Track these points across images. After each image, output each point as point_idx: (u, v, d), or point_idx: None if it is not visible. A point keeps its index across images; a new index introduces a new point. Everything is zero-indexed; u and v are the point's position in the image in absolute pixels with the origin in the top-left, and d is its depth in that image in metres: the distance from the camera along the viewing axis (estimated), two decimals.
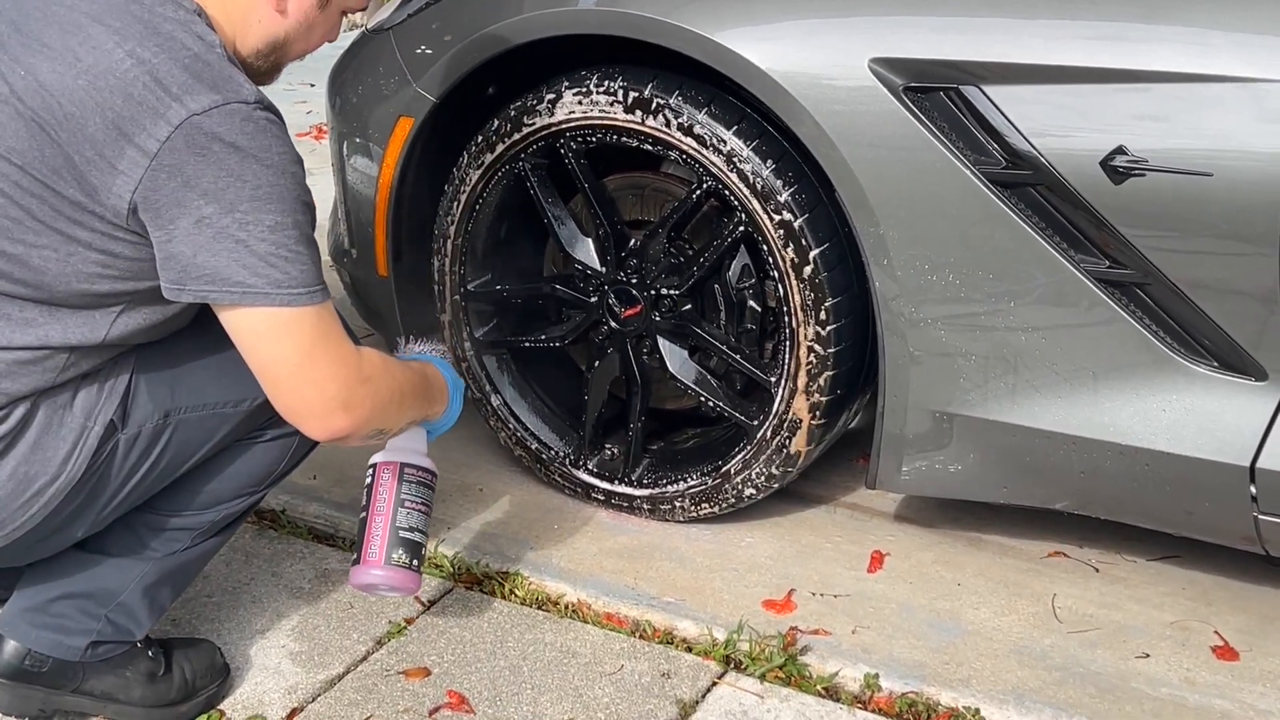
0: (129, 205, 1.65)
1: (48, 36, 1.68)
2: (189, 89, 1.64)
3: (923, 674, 2.15)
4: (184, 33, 1.69)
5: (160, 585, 2.01)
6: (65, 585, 1.96)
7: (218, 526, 2.04)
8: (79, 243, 1.69)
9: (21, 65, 1.67)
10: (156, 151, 1.62)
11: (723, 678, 2.14)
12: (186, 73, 1.64)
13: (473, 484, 2.73)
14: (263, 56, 1.85)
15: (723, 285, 2.45)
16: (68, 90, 1.64)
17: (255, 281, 1.67)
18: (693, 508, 2.54)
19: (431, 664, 2.16)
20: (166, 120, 1.62)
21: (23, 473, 1.76)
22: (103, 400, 1.81)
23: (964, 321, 2.17)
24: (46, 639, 1.95)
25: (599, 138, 2.39)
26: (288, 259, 1.68)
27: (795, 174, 2.26)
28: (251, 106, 1.66)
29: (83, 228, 1.68)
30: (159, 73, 1.64)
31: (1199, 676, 2.17)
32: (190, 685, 2.04)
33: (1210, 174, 1.94)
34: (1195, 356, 2.08)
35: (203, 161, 1.63)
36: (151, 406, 1.85)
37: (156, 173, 1.63)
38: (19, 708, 1.98)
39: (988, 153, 2.06)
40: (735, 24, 2.17)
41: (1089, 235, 2.06)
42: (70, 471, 1.79)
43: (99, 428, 1.80)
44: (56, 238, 1.69)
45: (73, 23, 1.68)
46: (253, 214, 1.66)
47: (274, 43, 1.84)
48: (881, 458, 2.33)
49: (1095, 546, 2.51)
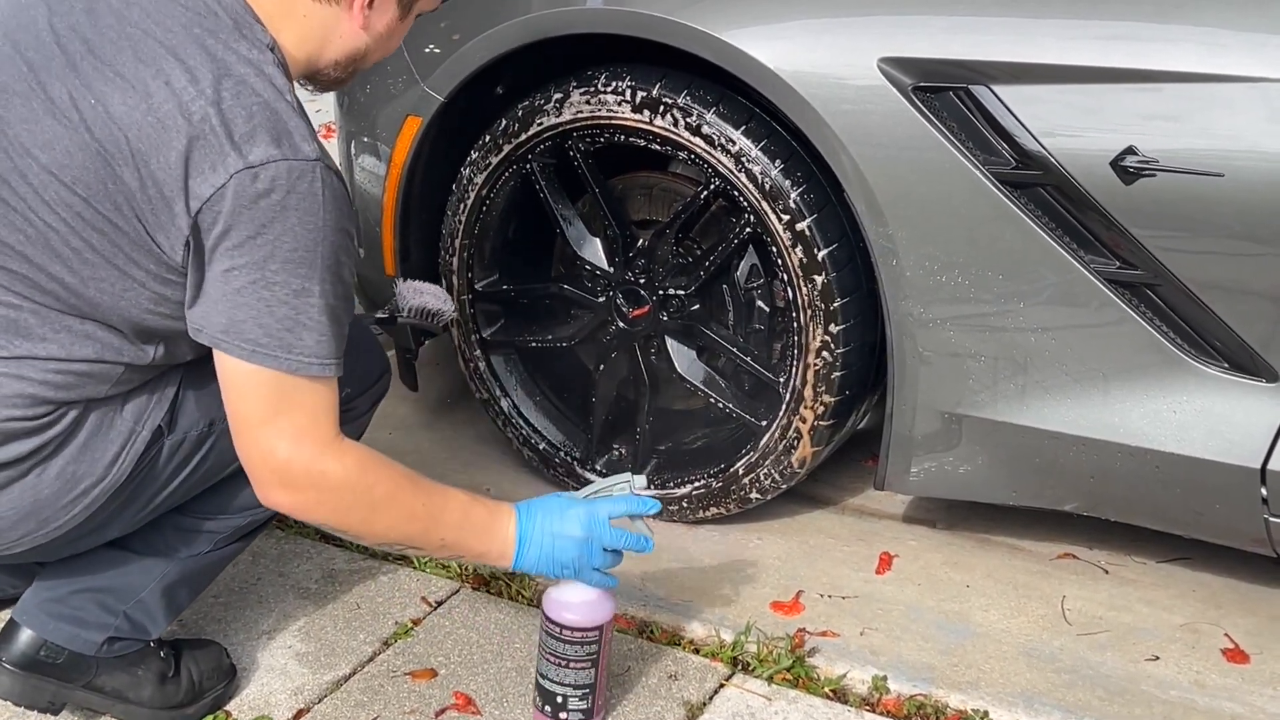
0: (184, 248, 1.65)
1: (121, 64, 1.66)
2: (249, 139, 1.62)
3: (931, 676, 2.14)
4: (256, 76, 1.67)
5: (180, 586, 2.02)
6: (86, 579, 1.96)
7: (242, 532, 2.04)
8: (134, 280, 1.69)
9: (93, 93, 1.65)
10: (209, 197, 1.62)
11: (730, 679, 2.14)
12: (251, 122, 1.63)
13: (480, 484, 2.72)
14: (341, 68, 1.85)
15: (731, 285, 2.45)
16: (136, 126, 1.63)
17: (265, 341, 1.67)
18: (700, 508, 2.53)
19: (438, 665, 2.16)
20: (224, 168, 1.61)
21: (70, 473, 1.77)
22: (152, 406, 1.82)
23: (973, 322, 2.17)
24: (64, 631, 1.96)
25: (607, 137, 2.39)
26: (305, 326, 1.68)
27: (804, 174, 2.25)
28: (310, 164, 1.65)
29: (138, 267, 1.68)
30: (226, 118, 1.62)
31: (1209, 679, 2.16)
32: (197, 686, 2.04)
33: (1221, 174, 1.93)
34: (1206, 358, 2.07)
35: (247, 214, 1.62)
36: (198, 414, 1.87)
37: (204, 216, 1.63)
38: (29, 698, 1.98)
39: (997, 153, 2.06)
40: (744, 23, 2.17)
41: (1099, 236, 2.05)
42: (116, 474, 1.80)
43: (147, 432, 1.82)
44: (114, 272, 1.69)
45: (148, 52, 1.66)
46: (281, 275, 1.65)
47: (354, 55, 1.84)
48: (890, 459, 2.32)
49: (1105, 548, 2.50)
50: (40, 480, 1.76)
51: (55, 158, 1.65)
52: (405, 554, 2.35)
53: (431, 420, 2.99)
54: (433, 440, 2.91)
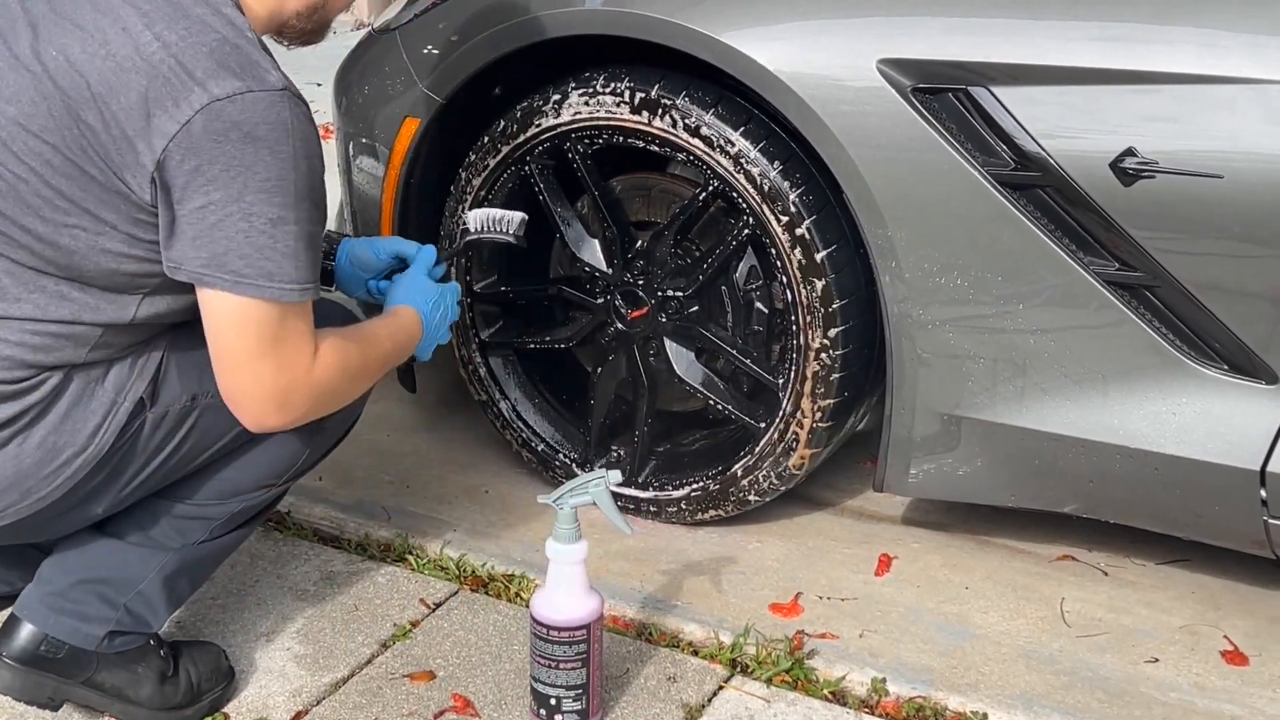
0: (150, 185, 1.68)
1: (80, 16, 1.71)
2: (213, 74, 1.66)
3: (930, 678, 2.14)
4: (213, 16, 1.71)
5: (179, 576, 2.02)
6: (85, 571, 1.97)
7: (237, 520, 2.04)
8: (106, 223, 1.72)
9: (54, 45, 1.70)
10: (175, 133, 1.65)
11: (729, 681, 2.14)
12: (212, 58, 1.67)
13: (478, 485, 2.72)
14: (304, 19, 1.88)
15: (730, 287, 2.45)
16: (96, 71, 1.67)
17: (248, 272, 1.70)
18: (699, 510, 2.53)
19: (437, 667, 2.15)
20: (189, 103, 1.65)
21: (51, 442, 1.78)
22: (134, 377, 1.83)
23: (972, 324, 2.16)
24: (65, 625, 1.96)
25: (606, 139, 2.38)
26: (284, 254, 1.71)
27: (803, 175, 2.25)
28: (276, 94, 1.69)
29: (109, 208, 1.71)
30: (184, 57, 1.66)
31: (1208, 681, 2.15)
32: (196, 688, 2.03)
33: (1221, 176, 1.93)
34: (1205, 359, 2.07)
35: (217, 148, 1.66)
36: (180, 388, 1.88)
37: (172, 154, 1.66)
38: (29, 694, 1.98)
39: (996, 154, 2.05)
40: (743, 25, 2.16)
41: (1098, 237, 2.05)
42: (98, 444, 1.81)
43: (129, 404, 1.83)
44: (86, 217, 1.72)
45: (105, 3, 1.70)
46: (257, 205, 1.68)
47: (314, 5, 1.87)
48: (889, 460, 2.32)
49: (1104, 550, 2.50)
50: (22, 450, 1.77)
51: (22, 109, 1.70)
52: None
53: (430, 422, 2.99)
54: (430, 442, 2.91)
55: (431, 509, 2.63)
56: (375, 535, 2.52)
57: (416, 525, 2.55)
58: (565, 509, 1.94)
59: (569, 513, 1.94)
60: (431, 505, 2.64)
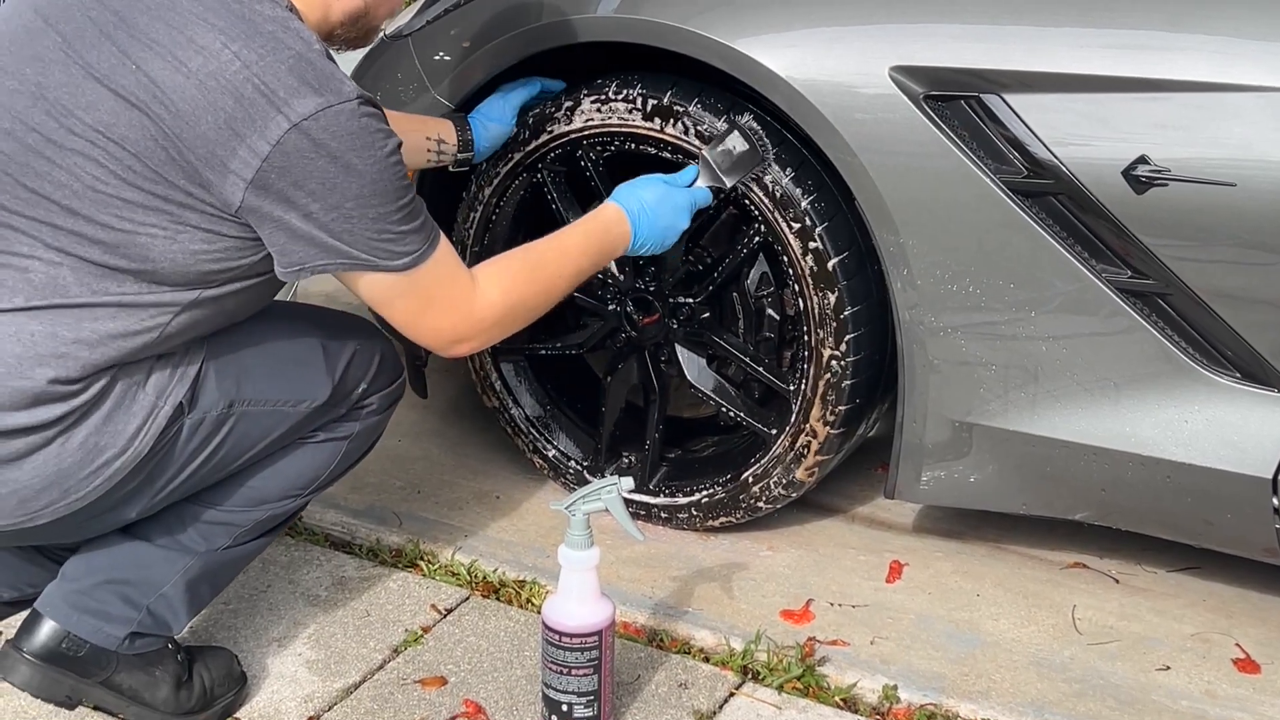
0: (240, 200, 1.73)
1: (155, 32, 1.73)
2: (295, 92, 1.71)
3: (941, 685, 2.14)
4: (284, 32, 1.75)
5: (201, 581, 2.04)
6: (109, 571, 1.99)
7: (261, 528, 2.06)
8: (187, 224, 1.76)
9: (131, 59, 1.73)
10: (268, 154, 1.70)
11: (740, 688, 2.14)
12: (292, 75, 1.71)
13: (489, 491, 2.72)
14: (348, 28, 1.93)
15: (741, 294, 2.45)
16: (179, 89, 1.71)
17: (366, 257, 1.80)
18: (710, 516, 2.53)
19: (448, 673, 2.16)
20: (276, 124, 1.70)
21: (93, 443, 1.81)
22: (174, 382, 1.86)
23: (984, 330, 2.16)
24: (87, 623, 1.97)
25: (618, 145, 2.39)
26: (393, 239, 1.81)
27: (815, 182, 2.25)
28: (355, 103, 1.74)
29: (192, 211, 1.76)
30: (265, 76, 1.71)
31: (1220, 689, 2.15)
32: (209, 693, 2.04)
33: (1234, 184, 1.93)
34: (1217, 367, 2.06)
35: (309, 164, 1.72)
36: (218, 395, 1.91)
37: (267, 173, 1.71)
38: (47, 690, 1.99)
39: (1009, 161, 2.05)
40: (755, 31, 2.17)
41: (1110, 245, 2.05)
42: (137, 447, 1.84)
43: (168, 408, 1.85)
44: (165, 218, 1.75)
45: (179, 20, 1.73)
46: (357, 209, 1.76)
47: (355, 14, 1.93)
48: (900, 467, 2.32)
49: (1115, 558, 2.50)
50: (64, 449, 1.79)
51: (100, 118, 1.73)
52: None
53: (441, 427, 3.00)
54: (442, 447, 2.91)
55: (443, 515, 2.63)
56: (387, 541, 2.52)
57: (428, 531, 2.55)
58: (577, 515, 1.95)
59: (581, 519, 1.95)
60: (443, 511, 2.64)
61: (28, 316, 1.76)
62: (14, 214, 1.76)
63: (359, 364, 2.06)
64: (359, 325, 2.12)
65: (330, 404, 2.03)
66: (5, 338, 1.75)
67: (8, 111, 1.76)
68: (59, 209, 1.75)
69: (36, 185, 1.75)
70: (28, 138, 1.75)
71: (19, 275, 1.76)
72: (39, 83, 1.75)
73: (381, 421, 2.14)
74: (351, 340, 2.07)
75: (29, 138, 1.75)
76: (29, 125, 1.75)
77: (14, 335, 1.75)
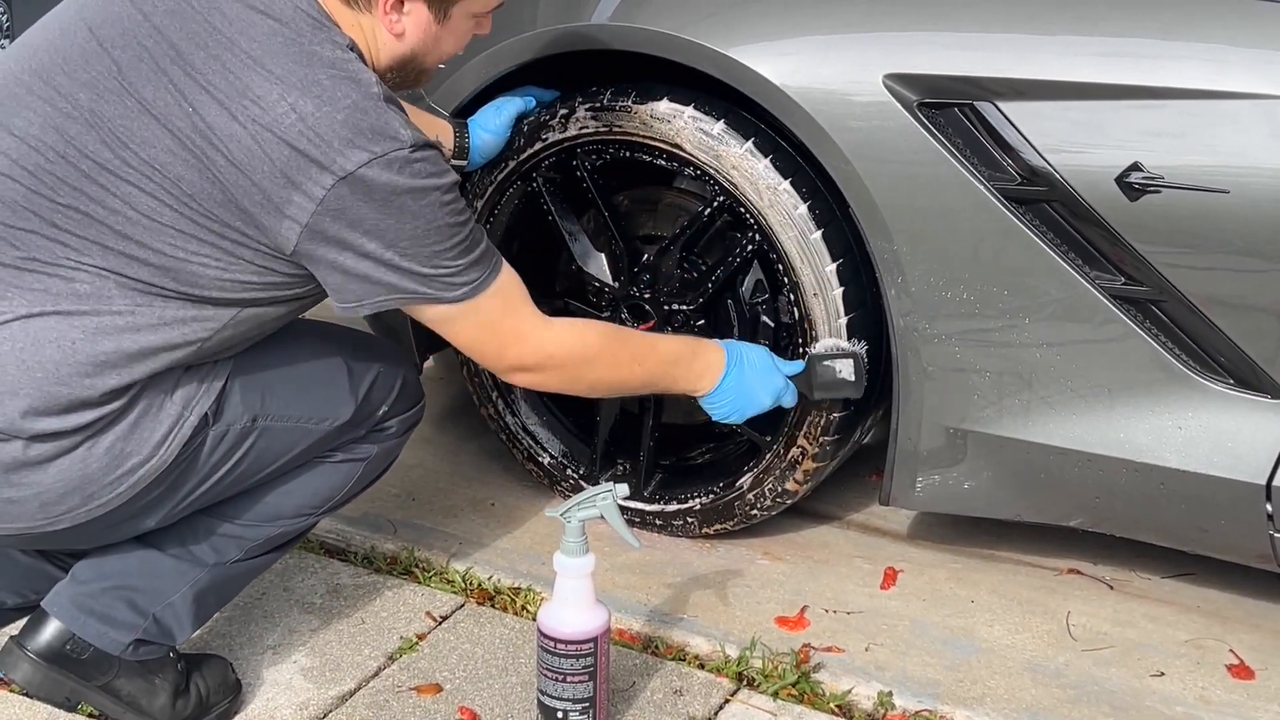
0: (295, 245, 1.77)
1: (212, 74, 1.75)
2: (350, 143, 1.73)
3: (936, 692, 2.14)
4: (342, 79, 1.76)
5: (208, 593, 2.05)
6: (119, 577, 1.99)
7: (271, 544, 2.08)
8: (240, 259, 1.80)
9: (187, 101, 1.75)
10: (322, 198, 1.74)
11: (735, 695, 2.14)
12: (347, 126, 1.74)
13: (485, 499, 2.72)
14: (396, 72, 1.94)
15: (736, 301, 2.45)
16: (234, 137, 1.73)
17: (425, 290, 1.84)
18: (705, 524, 2.53)
19: (443, 680, 2.16)
20: (331, 171, 1.73)
21: (119, 449, 1.82)
22: (200, 394, 1.88)
23: (978, 337, 2.17)
24: (93, 627, 1.98)
25: (613, 153, 2.39)
26: (451, 271, 1.85)
27: (809, 189, 2.25)
28: (409, 152, 1.76)
29: (246, 248, 1.80)
30: (321, 128, 1.73)
31: (1214, 695, 2.15)
32: (205, 701, 2.04)
33: (1227, 191, 1.93)
34: (1211, 374, 2.07)
35: (365, 206, 1.75)
36: (243, 408, 1.93)
37: (321, 216, 1.75)
38: (47, 690, 1.99)
39: (1002, 169, 2.06)
40: (750, 39, 2.17)
41: (1104, 252, 2.05)
42: (162, 455, 1.85)
43: (194, 418, 1.87)
44: (219, 251, 1.79)
45: (237, 64, 1.75)
46: (414, 247, 1.80)
47: (401, 61, 1.94)
48: (895, 474, 2.32)
49: (1109, 564, 2.50)
50: (90, 454, 1.81)
51: (155, 155, 1.75)
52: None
53: (434, 434, 3.00)
54: (436, 454, 2.91)
55: (438, 522, 2.63)
56: (381, 548, 2.52)
57: (423, 538, 2.55)
58: (573, 522, 1.95)
59: (576, 526, 1.95)
60: (438, 518, 2.64)
61: (69, 324, 1.77)
62: (65, 232, 1.77)
63: (381, 386, 2.08)
64: (383, 348, 2.16)
65: (351, 424, 2.05)
66: (46, 343, 1.77)
67: (61, 135, 1.78)
68: (111, 232, 1.77)
69: (90, 209, 1.77)
70: (81, 163, 1.77)
71: (65, 284, 1.78)
72: (94, 110, 1.77)
73: (398, 446, 2.17)
74: (375, 363, 2.09)
75: (83, 163, 1.77)
76: (83, 151, 1.77)
77: (54, 341, 1.77)
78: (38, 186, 1.77)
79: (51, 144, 1.77)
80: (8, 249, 1.78)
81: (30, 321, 1.77)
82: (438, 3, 1.89)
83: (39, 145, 1.78)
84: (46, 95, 1.80)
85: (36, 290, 1.77)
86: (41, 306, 1.77)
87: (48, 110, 1.79)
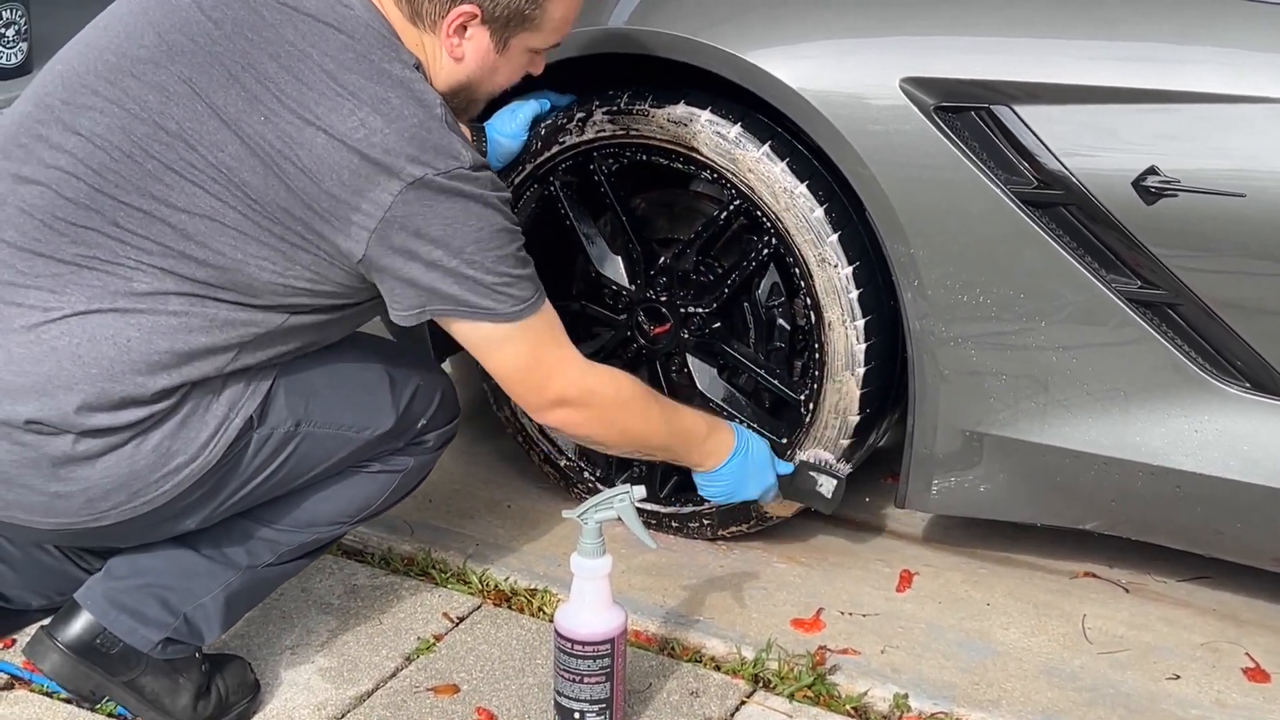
0: (364, 251, 1.82)
1: (285, 84, 1.81)
2: (414, 159, 1.79)
3: (952, 694, 2.14)
4: (410, 99, 1.82)
5: (239, 596, 2.06)
6: (154, 575, 2.01)
7: (303, 549, 2.09)
8: (298, 263, 1.84)
9: (260, 109, 1.80)
10: (390, 205, 1.79)
11: (751, 696, 2.14)
12: (413, 144, 1.79)
13: (501, 500, 2.73)
14: (450, 98, 1.95)
15: (752, 303, 2.46)
16: (306, 145, 1.79)
17: (489, 304, 1.88)
18: (720, 525, 2.54)
19: (460, 681, 2.17)
20: (399, 178, 1.79)
21: (166, 447, 1.84)
22: (246, 396, 1.90)
23: (994, 341, 2.17)
24: (124, 623, 1.99)
25: (630, 156, 2.40)
26: (512, 282, 1.89)
27: (825, 193, 2.26)
28: (469, 170, 1.83)
29: (306, 253, 1.83)
30: (389, 143, 1.78)
31: (1230, 698, 2.16)
32: (224, 701, 2.05)
33: (1243, 194, 1.94)
34: (1227, 377, 2.07)
35: (430, 213, 1.81)
36: (287, 413, 1.95)
37: (388, 225, 1.80)
38: (74, 682, 2.00)
39: (1019, 172, 2.07)
40: (766, 43, 2.18)
41: (1120, 255, 2.06)
42: (207, 455, 1.87)
43: (239, 420, 1.89)
44: (278, 255, 1.83)
45: (309, 76, 1.81)
46: (479, 254, 1.84)
47: (458, 86, 1.98)
48: (911, 477, 2.33)
49: (1125, 567, 2.50)
50: (138, 452, 1.83)
51: (224, 159, 1.79)
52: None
53: None
54: (452, 456, 2.89)
55: (454, 523, 2.64)
56: (398, 549, 2.53)
57: (439, 539, 2.56)
58: (590, 523, 1.96)
59: (594, 527, 1.96)
60: (454, 520, 2.65)
61: (125, 322, 1.80)
62: (127, 230, 1.80)
63: (422, 399, 2.10)
64: (424, 361, 2.20)
65: (391, 434, 2.06)
66: (102, 340, 1.79)
67: (128, 136, 1.81)
68: (173, 231, 1.80)
69: (152, 209, 1.80)
70: (148, 163, 1.80)
71: (123, 282, 1.80)
72: (162, 112, 1.81)
73: (433, 460, 2.18)
74: (416, 375, 2.11)
75: (149, 164, 1.80)
76: (149, 152, 1.80)
77: (111, 339, 1.79)
78: (102, 185, 1.80)
79: (118, 144, 1.81)
80: (69, 246, 1.80)
81: (88, 318, 1.79)
82: (499, 31, 1.93)
83: (105, 145, 1.81)
84: (114, 97, 1.83)
85: (95, 287, 1.80)
86: (99, 303, 1.79)
87: (115, 111, 1.82)
